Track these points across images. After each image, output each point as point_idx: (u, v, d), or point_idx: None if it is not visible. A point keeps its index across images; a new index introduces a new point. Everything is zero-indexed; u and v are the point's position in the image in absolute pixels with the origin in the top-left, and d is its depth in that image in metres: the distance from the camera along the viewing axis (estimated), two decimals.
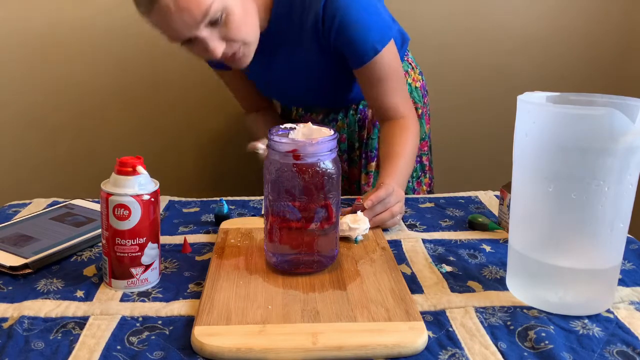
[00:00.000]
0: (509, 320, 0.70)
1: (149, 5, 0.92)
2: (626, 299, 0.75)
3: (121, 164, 0.75)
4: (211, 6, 0.92)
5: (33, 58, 1.61)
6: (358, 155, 1.32)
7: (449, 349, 0.64)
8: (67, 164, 1.71)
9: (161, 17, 0.92)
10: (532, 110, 0.69)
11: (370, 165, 1.29)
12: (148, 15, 0.94)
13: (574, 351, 0.64)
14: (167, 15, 0.92)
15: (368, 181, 1.29)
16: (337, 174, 0.77)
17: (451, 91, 1.71)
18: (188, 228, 0.99)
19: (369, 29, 1.05)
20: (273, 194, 0.77)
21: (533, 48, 1.71)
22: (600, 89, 0.99)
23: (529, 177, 0.73)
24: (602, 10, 1.70)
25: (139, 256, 0.76)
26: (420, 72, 1.36)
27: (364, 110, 1.29)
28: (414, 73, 1.32)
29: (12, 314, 0.71)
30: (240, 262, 0.82)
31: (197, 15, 0.92)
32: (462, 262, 0.86)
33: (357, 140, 1.31)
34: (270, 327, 0.66)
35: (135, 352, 0.63)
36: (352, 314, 0.68)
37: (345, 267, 0.81)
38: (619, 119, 0.63)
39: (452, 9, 1.67)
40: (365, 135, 1.29)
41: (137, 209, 0.74)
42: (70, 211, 1.00)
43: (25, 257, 0.82)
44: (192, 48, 1.00)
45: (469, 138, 1.76)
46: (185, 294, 0.76)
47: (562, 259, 0.71)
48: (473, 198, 1.15)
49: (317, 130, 0.79)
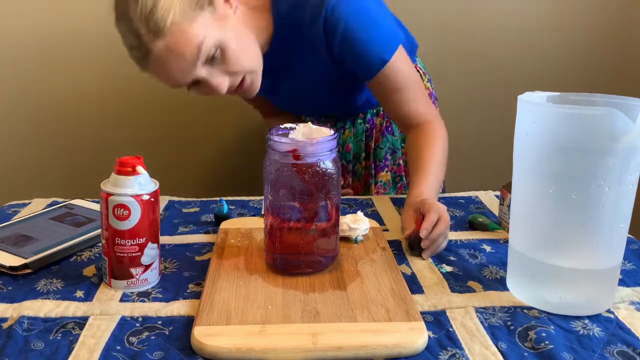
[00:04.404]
0: (509, 321, 0.70)
1: (143, 60, 0.93)
2: (626, 299, 0.75)
3: (121, 164, 0.75)
4: (202, 43, 0.91)
5: (33, 58, 1.61)
6: (363, 167, 1.29)
7: (449, 349, 0.64)
8: (67, 164, 1.71)
9: (158, 67, 0.93)
10: (533, 110, 0.69)
11: (380, 175, 1.25)
12: (146, 70, 0.95)
13: (574, 351, 0.64)
14: (163, 64, 0.92)
15: (378, 191, 1.27)
16: (337, 174, 0.77)
17: (451, 91, 1.71)
18: (188, 228, 0.99)
19: (373, 40, 1.01)
20: (273, 194, 0.77)
21: (533, 48, 1.71)
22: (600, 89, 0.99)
23: (529, 177, 0.73)
24: (602, 10, 1.70)
25: (139, 256, 0.76)
26: (429, 80, 1.32)
27: (372, 119, 1.27)
28: (423, 81, 1.28)
29: (11, 314, 0.71)
30: (240, 262, 0.82)
31: (191, 56, 0.91)
32: (462, 262, 0.85)
33: (363, 151, 1.28)
34: (270, 327, 0.65)
35: (135, 352, 0.63)
36: (352, 314, 0.68)
37: (345, 267, 0.81)
38: (619, 119, 0.62)
39: (450, 9, 1.67)
40: (373, 145, 1.27)
41: (137, 209, 0.74)
42: (70, 211, 1.00)
43: (25, 257, 0.82)
44: (199, 90, 1.00)
45: (469, 138, 1.76)
46: (185, 294, 0.76)
47: (563, 259, 0.71)
48: (473, 198, 1.15)
49: (317, 130, 0.79)
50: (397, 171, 1.27)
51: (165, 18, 0.87)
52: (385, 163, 1.25)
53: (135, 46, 0.92)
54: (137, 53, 0.93)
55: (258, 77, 1.02)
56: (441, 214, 0.87)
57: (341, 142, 1.29)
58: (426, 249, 0.86)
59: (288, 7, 1.03)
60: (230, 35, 0.95)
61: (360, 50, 1.02)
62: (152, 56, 0.91)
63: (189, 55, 0.91)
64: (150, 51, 0.90)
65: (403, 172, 1.26)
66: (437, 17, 1.67)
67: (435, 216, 0.86)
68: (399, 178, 1.26)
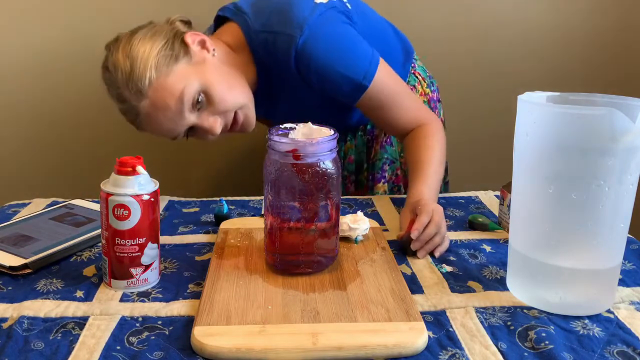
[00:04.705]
0: (509, 321, 0.70)
1: (136, 121, 0.98)
2: (626, 299, 0.75)
3: (121, 164, 0.75)
4: (184, 93, 0.93)
5: (33, 58, 1.61)
6: (366, 177, 1.29)
7: (449, 349, 0.64)
8: (67, 164, 1.71)
9: (150, 124, 0.97)
10: (533, 110, 0.69)
11: (377, 186, 1.25)
12: (141, 129, 1.00)
13: (574, 351, 0.64)
14: (153, 121, 0.96)
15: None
16: (337, 174, 0.77)
17: (450, 91, 1.70)
18: (188, 228, 0.99)
19: (349, 68, 1.00)
20: (273, 194, 0.77)
21: (533, 48, 1.71)
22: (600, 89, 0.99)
23: (529, 177, 0.73)
24: (602, 10, 1.70)
25: (139, 256, 0.76)
26: (430, 83, 1.29)
27: (372, 130, 1.27)
28: (421, 87, 1.26)
29: (11, 314, 0.71)
30: (240, 262, 0.82)
31: (176, 107, 0.94)
32: (462, 262, 0.85)
33: (365, 162, 1.28)
34: (270, 327, 0.65)
35: (135, 352, 0.63)
36: (352, 314, 0.68)
37: (345, 267, 0.81)
38: (619, 119, 0.62)
39: (449, 8, 1.67)
40: (373, 156, 1.27)
41: (137, 209, 0.74)
42: (70, 211, 1.00)
43: (25, 257, 0.82)
44: (195, 135, 1.02)
45: (469, 138, 1.76)
46: (185, 294, 0.76)
47: (563, 259, 0.71)
48: (473, 198, 1.15)
49: (317, 130, 0.79)
50: (395, 181, 1.26)
51: (143, 78, 0.92)
52: (383, 175, 1.25)
53: (126, 110, 0.97)
54: (129, 116, 0.98)
55: (250, 111, 1.03)
56: (432, 216, 0.87)
57: (342, 155, 1.29)
58: (420, 249, 0.87)
59: (262, 50, 1.03)
60: (212, 78, 0.97)
61: (338, 83, 1.01)
62: (142, 116, 0.96)
63: (174, 107, 0.94)
64: (139, 112, 0.95)
65: (401, 183, 1.26)
66: (436, 17, 1.67)
67: (426, 218, 0.87)
68: (397, 188, 1.26)
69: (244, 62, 1.05)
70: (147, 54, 0.92)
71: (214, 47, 1.01)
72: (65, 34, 1.59)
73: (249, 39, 1.04)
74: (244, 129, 1.04)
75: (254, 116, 1.05)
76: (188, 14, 1.06)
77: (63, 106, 1.67)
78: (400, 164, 1.26)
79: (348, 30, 1.03)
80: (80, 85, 1.65)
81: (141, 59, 0.92)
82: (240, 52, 1.06)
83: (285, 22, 0.99)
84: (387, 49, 1.16)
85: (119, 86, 0.94)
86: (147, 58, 0.92)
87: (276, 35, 1.00)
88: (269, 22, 1.01)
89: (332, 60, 1.00)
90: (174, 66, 0.93)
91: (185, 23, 1.03)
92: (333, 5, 1.03)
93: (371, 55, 1.03)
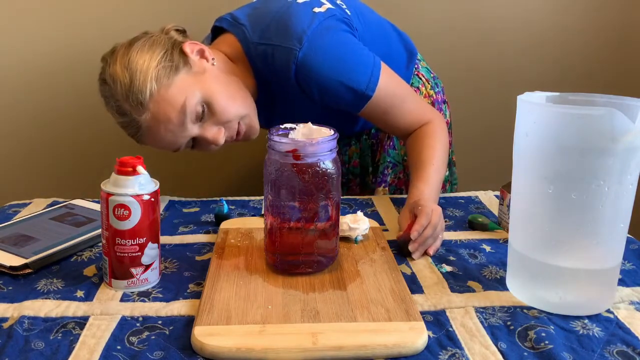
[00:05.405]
0: (509, 320, 0.70)
1: (137, 135, 0.96)
2: (626, 299, 0.75)
3: (121, 164, 0.75)
4: (186, 103, 0.92)
5: (33, 58, 1.61)
6: (370, 180, 1.29)
7: (449, 349, 0.64)
8: (67, 164, 1.71)
9: (152, 138, 0.95)
10: (533, 110, 0.69)
11: (378, 190, 1.24)
12: (143, 142, 0.98)
13: (574, 351, 0.64)
14: (155, 134, 0.94)
15: None
16: (337, 174, 0.77)
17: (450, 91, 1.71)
18: (188, 228, 0.99)
19: (352, 79, 0.98)
20: (273, 194, 0.77)
21: (533, 48, 1.71)
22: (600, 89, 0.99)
23: (529, 177, 0.73)
24: (602, 10, 1.70)
25: (139, 256, 0.76)
26: (435, 85, 1.28)
27: (376, 134, 1.26)
28: (425, 89, 1.25)
29: (12, 314, 0.71)
30: (240, 262, 0.82)
31: (178, 119, 0.92)
32: (462, 262, 0.85)
33: (370, 165, 1.28)
34: (270, 327, 0.66)
35: (135, 352, 0.63)
36: (352, 314, 0.68)
37: (345, 267, 0.81)
38: (619, 119, 0.63)
39: (449, 9, 1.67)
40: (377, 159, 1.26)
41: (137, 209, 0.74)
42: (70, 211, 1.00)
43: (25, 257, 0.82)
44: (197, 147, 1.01)
45: (469, 138, 1.76)
46: (185, 294, 0.76)
47: (562, 259, 0.71)
48: (473, 198, 1.15)
49: (317, 130, 0.79)
50: (398, 184, 1.26)
51: (143, 90, 0.90)
52: (384, 178, 1.24)
53: (126, 124, 0.95)
54: (130, 130, 0.96)
55: (253, 120, 1.02)
56: (431, 218, 0.87)
57: (347, 159, 1.29)
58: (415, 251, 0.87)
59: (260, 62, 1.02)
60: (213, 88, 0.95)
61: (341, 94, 1.00)
62: (143, 129, 0.94)
63: (176, 119, 0.92)
64: (140, 125, 0.93)
65: (403, 186, 1.26)
66: (435, 17, 1.67)
67: (425, 220, 0.86)
68: (399, 192, 1.26)
69: (243, 72, 1.05)
70: (146, 66, 0.90)
71: (213, 56, 0.99)
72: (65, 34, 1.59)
73: (247, 51, 1.03)
74: (247, 138, 1.04)
75: (257, 125, 1.04)
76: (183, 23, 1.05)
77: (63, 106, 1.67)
78: (403, 167, 1.26)
79: (348, 39, 1.01)
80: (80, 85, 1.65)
81: (141, 70, 0.90)
82: (238, 63, 1.05)
83: (284, 34, 0.98)
84: (390, 53, 1.16)
85: (118, 99, 0.92)
86: (147, 70, 0.90)
87: (275, 48, 0.99)
88: (267, 34, 1.00)
89: (333, 71, 0.98)
90: (174, 77, 0.92)
91: (180, 32, 1.02)
92: (332, 14, 1.01)
93: (373, 63, 1.01)
